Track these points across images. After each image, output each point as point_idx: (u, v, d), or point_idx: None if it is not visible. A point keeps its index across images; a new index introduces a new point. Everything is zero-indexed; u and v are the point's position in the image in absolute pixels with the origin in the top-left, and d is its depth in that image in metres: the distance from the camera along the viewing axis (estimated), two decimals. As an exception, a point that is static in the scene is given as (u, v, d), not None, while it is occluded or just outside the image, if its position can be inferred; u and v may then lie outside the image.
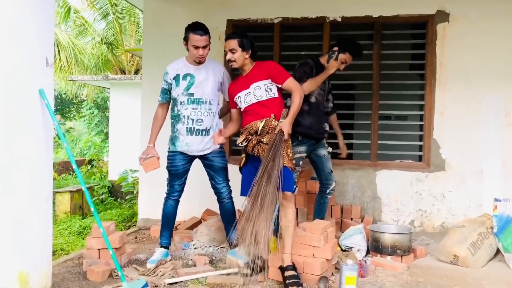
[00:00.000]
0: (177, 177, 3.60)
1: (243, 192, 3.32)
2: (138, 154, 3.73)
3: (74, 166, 2.89)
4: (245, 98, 3.32)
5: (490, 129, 4.43)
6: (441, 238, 4.01)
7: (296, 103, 3.20)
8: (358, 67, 4.82)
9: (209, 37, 3.44)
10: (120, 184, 8.79)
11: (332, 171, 3.90)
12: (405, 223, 4.59)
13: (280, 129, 3.11)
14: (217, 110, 3.62)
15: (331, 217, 4.46)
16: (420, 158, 4.74)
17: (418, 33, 4.74)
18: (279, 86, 3.30)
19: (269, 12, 4.83)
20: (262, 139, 3.21)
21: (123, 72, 14.04)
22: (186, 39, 3.45)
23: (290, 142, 3.27)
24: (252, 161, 3.32)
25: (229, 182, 3.66)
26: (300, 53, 4.89)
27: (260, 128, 3.22)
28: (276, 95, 3.30)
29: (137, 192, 7.69)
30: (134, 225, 7.29)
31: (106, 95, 15.89)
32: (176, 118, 3.53)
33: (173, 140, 3.58)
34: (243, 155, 3.36)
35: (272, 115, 3.24)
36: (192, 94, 3.48)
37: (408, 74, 4.95)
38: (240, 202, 3.24)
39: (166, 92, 3.57)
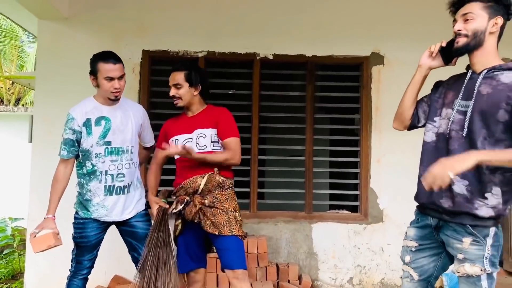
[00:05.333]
0: (87, 250, 2.75)
1: (182, 269, 2.67)
2: (19, 199, 2.82)
3: None
4: (184, 144, 2.67)
5: (426, 177, 4.24)
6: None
7: (216, 154, 2.64)
8: (290, 110, 4.42)
9: (123, 67, 2.72)
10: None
11: None
12: (344, 281, 4.18)
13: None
14: (137, 161, 2.87)
15: (266, 280, 3.90)
16: (356, 209, 4.40)
17: (353, 75, 4.47)
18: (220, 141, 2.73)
19: (193, 45, 4.25)
20: (203, 201, 2.59)
21: (1, 101, 12.35)
22: (94, 72, 2.67)
23: (237, 203, 2.70)
24: (191, 228, 2.69)
25: None
26: (227, 92, 4.37)
27: (201, 187, 2.59)
28: (222, 150, 2.71)
29: (17, 245, 6.53)
30: (16, 287, 6.06)
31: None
32: (88, 176, 2.69)
33: (83, 204, 2.73)
34: (178, 221, 2.69)
35: (215, 169, 2.64)
36: (109, 143, 2.68)
37: (342, 119, 4.64)
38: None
39: (73, 143, 2.67)
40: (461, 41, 1.91)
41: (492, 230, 1.84)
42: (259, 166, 4.31)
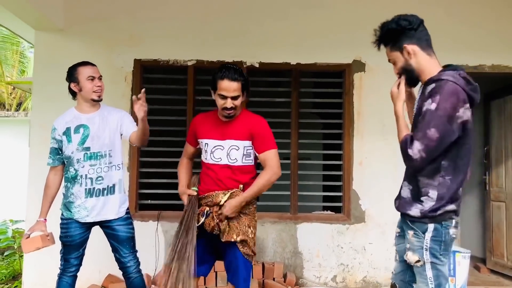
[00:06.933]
0: (73, 249, 2.94)
1: None
2: (20, 202, 3.01)
3: None
4: (213, 151, 2.65)
5: (406, 179, 4.43)
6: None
7: (259, 183, 2.58)
8: (276, 115, 4.61)
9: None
10: (-5, 239, 7.56)
11: None
12: (328, 279, 4.37)
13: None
14: (119, 163, 2.99)
15: (252, 278, 4.08)
16: (340, 209, 4.59)
17: (336, 82, 4.66)
18: (256, 154, 2.68)
19: (182, 54, 4.45)
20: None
21: (2, 106, 12.57)
22: (75, 78, 2.91)
23: (256, 222, 2.71)
24: (204, 237, 2.67)
25: (137, 253, 3.07)
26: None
27: (222, 203, 2.58)
28: (252, 163, 2.69)
29: (18, 247, 6.72)
30: (16, 287, 6.26)
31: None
32: (71, 180, 2.89)
33: (66, 206, 2.93)
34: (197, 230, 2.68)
35: (240, 186, 2.61)
36: (88, 149, 2.87)
37: (328, 123, 4.84)
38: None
39: (57, 152, 2.93)
40: (404, 79, 2.15)
41: (431, 226, 2.04)
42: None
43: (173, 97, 4.57)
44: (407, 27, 2.08)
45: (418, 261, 2.05)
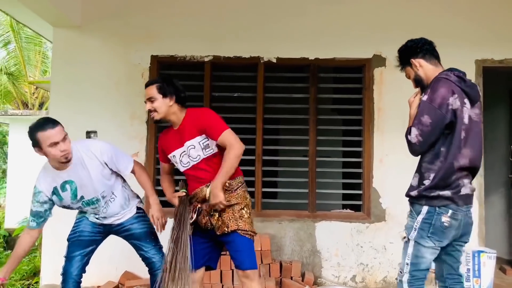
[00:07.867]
0: (79, 245, 2.85)
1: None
2: None
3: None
4: (181, 158, 2.73)
5: (428, 177, 4.30)
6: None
7: (227, 159, 2.59)
8: (294, 111, 4.54)
9: (63, 128, 2.60)
10: (19, 235, 7.67)
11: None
12: (347, 279, 4.27)
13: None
14: (110, 195, 2.85)
15: (269, 276, 4.02)
16: (359, 208, 4.48)
17: (355, 77, 4.56)
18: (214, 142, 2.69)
19: (199, 50, 4.41)
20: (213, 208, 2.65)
21: (25, 105, 12.80)
22: (36, 143, 2.54)
23: (248, 201, 2.72)
24: (199, 231, 2.74)
25: (162, 248, 2.98)
26: (232, 95, 4.51)
27: (208, 196, 2.64)
28: (216, 150, 2.69)
29: (39, 244, 6.81)
30: (36, 283, 6.34)
31: (5, 129, 14.41)
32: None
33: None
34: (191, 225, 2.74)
35: None
36: (82, 197, 2.76)
37: (348, 120, 4.73)
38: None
39: (44, 213, 2.72)
40: (420, 91, 2.52)
41: (425, 208, 2.29)
42: (264, 166, 4.43)
43: (190, 93, 4.49)
44: (413, 46, 2.50)
45: (405, 237, 2.35)
